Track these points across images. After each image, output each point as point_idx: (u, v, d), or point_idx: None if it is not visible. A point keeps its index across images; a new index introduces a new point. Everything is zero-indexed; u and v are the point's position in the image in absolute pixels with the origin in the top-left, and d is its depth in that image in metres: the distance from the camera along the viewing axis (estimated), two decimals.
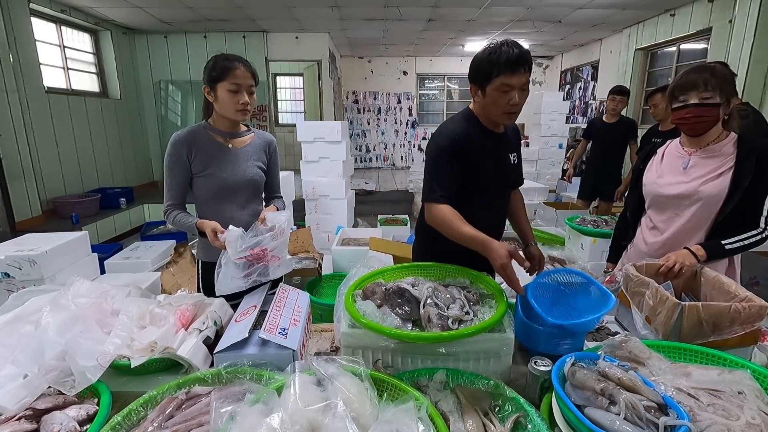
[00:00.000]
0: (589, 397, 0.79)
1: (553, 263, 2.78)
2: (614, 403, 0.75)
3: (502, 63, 1.25)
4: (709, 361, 0.94)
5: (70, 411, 0.89)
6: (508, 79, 1.27)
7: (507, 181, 1.54)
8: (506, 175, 1.51)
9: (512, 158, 1.52)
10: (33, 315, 1.11)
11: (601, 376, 0.82)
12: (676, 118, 1.44)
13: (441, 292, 1.17)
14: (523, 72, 1.27)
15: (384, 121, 10.47)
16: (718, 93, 1.34)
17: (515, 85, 1.28)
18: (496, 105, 1.32)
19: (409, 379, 1.00)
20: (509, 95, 1.29)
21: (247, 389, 0.88)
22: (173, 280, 2.65)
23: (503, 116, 1.34)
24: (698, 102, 1.35)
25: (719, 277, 1.27)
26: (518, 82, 1.27)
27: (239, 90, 1.50)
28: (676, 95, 1.41)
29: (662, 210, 1.53)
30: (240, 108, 1.52)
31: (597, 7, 5.73)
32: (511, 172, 1.53)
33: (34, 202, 4.80)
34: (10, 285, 1.94)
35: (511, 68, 1.26)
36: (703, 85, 1.34)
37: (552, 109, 6.64)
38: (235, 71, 1.48)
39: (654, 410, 0.73)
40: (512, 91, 1.28)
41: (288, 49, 7.35)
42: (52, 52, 5.51)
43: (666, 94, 1.48)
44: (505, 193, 1.57)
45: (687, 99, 1.38)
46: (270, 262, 1.42)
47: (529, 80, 1.32)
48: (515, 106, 1.31)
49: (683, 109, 1.40)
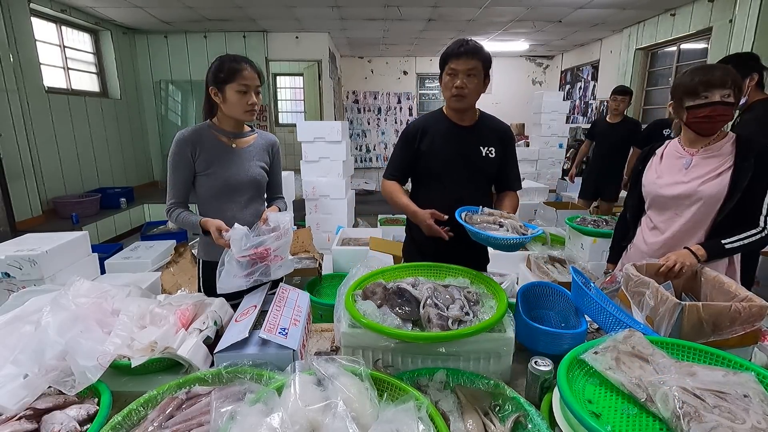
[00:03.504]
0: (485, 227, 1.33)
1: (553, 263, 2.79)
2: (502, 225, 1.33)
3: (450, 51, 1.49)
4: (712, 361, 0.94)
5: (70, 411, 0.89)
6: (453, 64, 1.48)
7: (473, 172, 1.63)
8: (471, 166, 1.61)
9: (485, 151, 1.61)
10: (33, 315, 1.11)
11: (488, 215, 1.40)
12: (699, 116, 1.37)
13: (441, 292, 1.17)
14: (468, 58, 1.46)
15: (384, 121, 10.47)
16: (734, 92, 1.33)
17: (459, 69, 1.48)
18: (447, 88, 1.53)
19: (409, 379, 1.00)
20: (455, 79, 1.49)
21: (247, 389, 0.88)
22: (173, 280, 2.65)
23: (451, 100, 1.54)
24: (719, 100, 1.33)
25: (719, 277, 1.27)
26: (461, 66, 1.47)
27: (248, 91, 1.51)
28: (699, 92, 1.35)
29: (662, 210, 1.53)
30: (248, 109, 1.54)
31: (597, 7, 5.73)
32: (482, 164, 1.62)
33: (34, 202, 4.80)
34: (10, 285, 1.94)
35: (456, 55, 1.47)
36: (726, 83, 1.32)
37: (552, 109, 6.63)
38: (244, 72, 1.49)
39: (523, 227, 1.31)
40: (457, 75, 1.48)
41: (288, 49, 7.35)
42: (52, 51, 5.51)
43: (677, 93, 1.42)
44: (474, 184, 1.64)
45: (710, 97, 1.34)
46: (272, 262, 1.42)
47: (483, 70, 1.50)
48: (459, 89, 1.49)
49: (706, 107, 1.34)
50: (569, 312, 1.29)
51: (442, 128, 1.62)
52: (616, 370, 0.87)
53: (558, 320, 1.32)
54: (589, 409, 0.81)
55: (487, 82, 1.55)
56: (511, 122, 9.91)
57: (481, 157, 1.61)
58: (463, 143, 1.61)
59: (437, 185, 1.65)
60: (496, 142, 1.63)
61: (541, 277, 2.57)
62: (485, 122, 1.65)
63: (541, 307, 1.37)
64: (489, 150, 1.61)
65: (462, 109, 1.59)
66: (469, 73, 1.48)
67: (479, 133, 1.62)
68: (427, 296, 1.12)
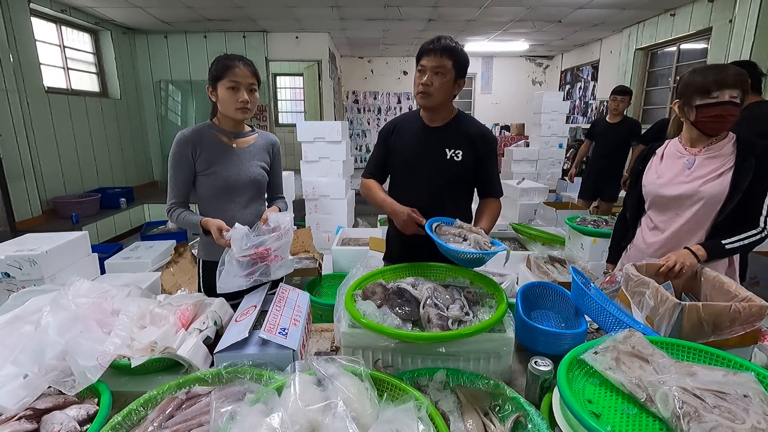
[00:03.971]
0: (449, 239, 1.31)
1: (553, 263, 2.78)
2: (466, 239, 1.30)
3: (423, 47, 1.48)
4: (712, 361, 0.94)
5: (70, 411, 0.89)
6: (424, 60, 1.47)
7: (435, 175, 1.57)
8: (433, 167, 1.57)
9: (449, 153, 1.55)
10: (33, 315, 1.11)
11: (457, 228, 1.36)
12: (709, 115, 1.36)
13: (441, 292, 1.17)
14: (438, 56, 1.43)
15: (384, 121, 10.46)
16: (742, 94, 1.33)
17: (427, 66, 1.45)
18: (415, 84, 1.51)
19: (409, 379, 1.00)
20: (422, 76, 1.47)
21: (247, 389, 0.88)
22: (173, 280, 2.65)
23: (417, 96, 1.51)
24: (728, 100, 1.32)
25: (719, 277, 1.27)
26: (430, 63, 1.44)
27: (238, 88, 1.50)
28: (710, 91, 1.34)
29: (663, 210, 1.53)
30: (239, 106, 1.52)
31: (597, 7, 5.73)
32: (445, 167, 1.56)
33: (34, 202, 4.80)
34: (10, 285, 1.94)
35: (426, 51, 1.46)
36: (738, 83, 1.32)
37: (552, 109, 6.63)
38: (234, 69, 1.49)
39: (488, 244, 1.26)
40: (425, 72, 1.46)
41: (288, 49, 7.34)
42: (52, 52, 5.51)
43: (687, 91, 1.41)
44: (436, 186, 1.58)
45: (720, 96, 1.33)
46: (272, 262, 1.42)
47: (454, 70, 1.46)
48: (424, 86, 1.46)
49: (717, 107, 1.34)
50: (569, 312, 1.29)
51: (413, 127, 1.61)
52: (616, 370, 0.87)
53: (558, 320, 1.32)
54: (589, 409, 0.81)
55: (460, 83, 1.51)
56: (511, 122, 9.92)
57: (445, 159, 1.55)
58: (427, 144, 1.57)
59: (402, 185, 1.65)
60: (465, 144, 1.55)
61: (541, 277, 2.57)
62: (459, 124, 1.58)
63: (541, 307, 1.37)
64: (455, 153, 1.54)
65: (429, 108, 1.54)
66: (437, 71, 1.44)
67: (447, 135, 1.57)
68: (427, 296, 1.12)
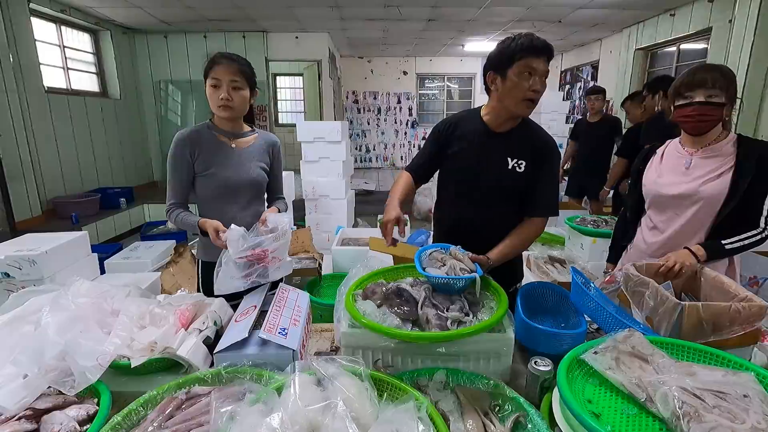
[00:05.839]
0: (433, 264, 1.26)
1: (553, 263, 2.78)
2: (444, 264, 1.23)
3: (527, 46, 1.25)
4: (712, 361, 0.94)
5: (70, 411, 0.89)
6: (531, 62, 1.25)
7: (494, 183, 1.44)
8: (494, 177, 1.43)
9: (512, 163, 1.40)
10: (33, 315, 1.11)
11: (444, 255, 1.28)
12: (680, 116, 1.42)
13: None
14: (546, 60, 1.28)
15: (384, 121, 10.47)
16: (724, 93, 1.34)
17: (537, 69, 1.26)
18: (518, 89, 1.29)
19: (409, 379, 1.00)
20: (531, 80, 1.27)
21: (247, 389, 0.88)
22: (173, 280, 2.65)
23: (522, 104, 1.31)
24: (704, 100, 1.35)
25: (719, 277, 1.27)
26: (540, 67, 1.27)
27: (219, 85, 1.49)
28: (682, 92, 1.39)
29: (662, 210, 1.53)
30: (220, 103, 1.50)
31: (597, 7, 5.73)
32: (506, 177, 1.42)
33: (34, 202, 4.79)
34: (10, 285, 1.94)
35: (535, 52, 1.25)
36: (712, 83, 1.34)
37: (552, 109, 6.61)
38: (215, 67, 1.49)
39: (466, 271, 1.20)
40: (534, 76, 1.27)
41: (288, 49, 7.34)
42: (52, 52, 5.50)
43: (669, 91, 1.47)
44: (495, 197, 1.46)
45: (693, 97, 1.36)
46: (270, 264, 1.42)
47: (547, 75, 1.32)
48: (536, 92, 1.28)
49: (688, 107, 1.38)
50: (569, 312, 1.29)
51: (474, 132, 1.44)
52: (616, 370, 0.87)
53: (558, 320, 1.32)
54: (589, 409, 0.81)
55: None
56: None
57: (507, 170, 1.40)
58: (493, 152, 1.42)
59: (455, 190, 1.53)
60: (528, 155, 1.40)
61: (541, 277, 2.57)
62: (524, 131, 1.43)
63: (541, 307, 1.37)
64: (518, 163, 1.40)
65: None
66: (544, 76, 1.30)
67: (511, 142, 1.42)
68: (424, 296, 1.12)
